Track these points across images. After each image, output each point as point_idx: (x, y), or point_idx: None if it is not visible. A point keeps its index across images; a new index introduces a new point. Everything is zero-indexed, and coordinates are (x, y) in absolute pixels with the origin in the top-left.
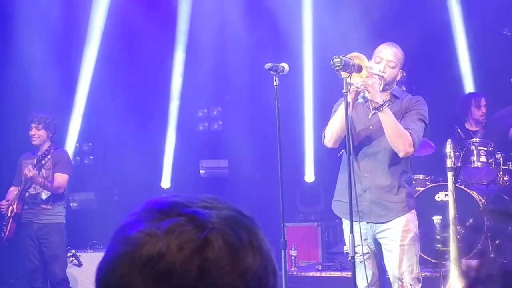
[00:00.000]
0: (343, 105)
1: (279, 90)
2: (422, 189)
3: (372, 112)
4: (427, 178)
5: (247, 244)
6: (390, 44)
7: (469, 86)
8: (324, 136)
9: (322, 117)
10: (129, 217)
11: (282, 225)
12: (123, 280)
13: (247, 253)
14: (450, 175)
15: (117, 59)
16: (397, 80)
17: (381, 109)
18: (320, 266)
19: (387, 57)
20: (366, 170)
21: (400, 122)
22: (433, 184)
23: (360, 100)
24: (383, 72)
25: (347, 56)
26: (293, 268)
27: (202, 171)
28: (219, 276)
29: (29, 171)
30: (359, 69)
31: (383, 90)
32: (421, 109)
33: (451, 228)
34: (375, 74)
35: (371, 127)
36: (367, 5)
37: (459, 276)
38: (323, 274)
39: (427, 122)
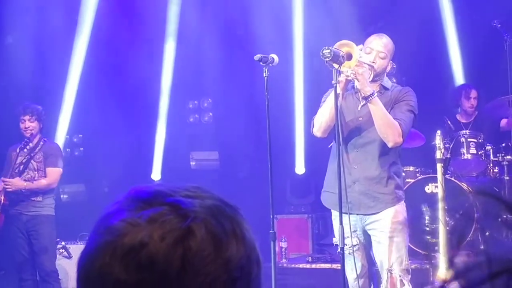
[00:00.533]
0: (332, 95)
1: (269, 81)
2: (412, 180)
3: (362, 103)
4: (417, 170)
5: (230, 234)
6: (381, 35)
7: (459, 78)
8: (313, 125)
9: (313, 109)
10: (112, 206)
11: (271, 216)
12: (105, 269)
13: (230, 243)
14: (439, 166)
15: (108, 50)
16: (387, 71)
17: (371, 98)
18: (310, 258)
19: (378, 47)
20: (356, 161)
21: (389, 113)
22: (423, 176)
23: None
24: (373, 62)
25: (338, 42)
26: (283, 260)
27: (192, 163)
28: (201, 266)
29: (14, 185)
30: (349, 57)
31: (373, 81)
32: (410, 100)
33: (440, 219)
34: (365, 63)
35: (360, 118)
36: None
37: (447, 267)
38: (313, 266)
39: (416, 113)
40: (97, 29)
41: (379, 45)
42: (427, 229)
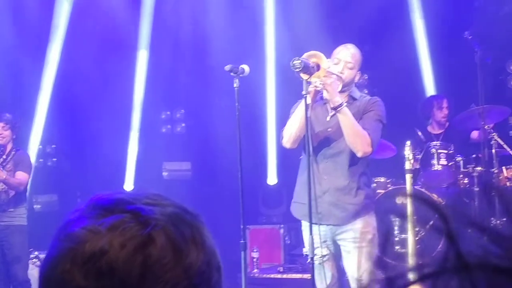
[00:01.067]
0: (301, 106)
1: (241, 92)
2: (383, 191)
3: (331, 113)
4: (388, 181)
5: (190, 241)
6: (348, 46)
7: (430, 89)
8: (283, 137)
9: (285, 120)
10: (73, 213)
11: (242, 226)
12: (65, 276)
13: (190, 249)
14: (408, 177)
15: (81, 60)
16: (356, 81)
17: (340, 109)
18: (281, 268)
19: (345, 58)
20: (326, 172)
21: (358, 123)
22: (393, 187)
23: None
24: (341, 73)
25: (306, 53)
26: (255, 270)
27: (165, 173)
28: (162, 273)
29: None
30: (318, 67)
31: (342, 91)
32: (379, 110)
33: (409, 230)
34: (333, 74)
35: (330, 129)
36: (329, 6)
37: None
38: (284, 276)
39: (384, 122)
40: (70, 39)
41: (347, 55)
42: (397, 239)
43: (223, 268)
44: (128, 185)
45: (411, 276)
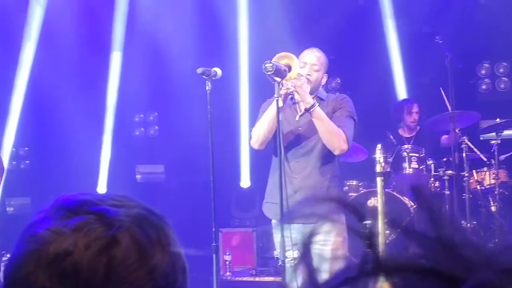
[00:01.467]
0: (270, 107)
1: (214, 94)
2: (355, 194)
3: (300, 113)
4: (360, 184)
5: (155, 242)
6: (313, 49)
7: (402, 93)
8: (251, 137)
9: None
10: (38, 214)
11: (214, 229)
12: (30, 278)
13: (155, 251)
14: (379, 180)
15: (54, 62)
16: (322, 83)
17: (312, 110)
18: (254, 271)
19: (311, 61)
20: (297, 171)
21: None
22: (365, 190)
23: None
24: (309, 75)
25: (277, 54)
26: (228, 273)
27: (138, 176)
28: (126, 274)
29: None
30: (289, 71)
31: (310, 93)
32: (348, 106)
33: (380, 232)
34: (302, 75)
35: (299, 128)
36: (302, 10)
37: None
38: (257, 279)
39: (355, 118)
40: (44, 40)
41: (312, 58)
42: (367, 241)
43: (190, 270)
44: (101, 188)
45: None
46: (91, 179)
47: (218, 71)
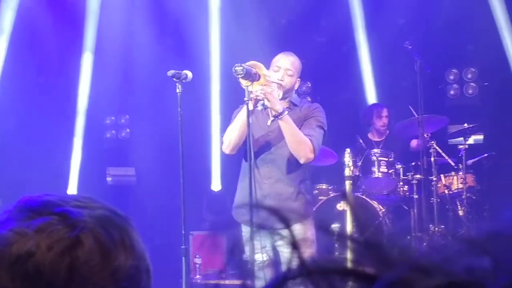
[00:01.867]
0: (242, 112)
1: (185, 97)
2: (325, 198)
3: (271, 119)
4: (329, 188)
5: (119, 244)
6: (287, 53)
7: (372, 97)
8: (222, 143)
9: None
10: (1, 216)
11: (183, 232)
12: None
13: (119, 253)
14: (348, 183)
15: (23, 63)
16: (296, 88)
17: (281, 116)
18: (224, 274)
19: (285, 65)
20: (266, 176)
21: (299, 129)
22: (335, 194)
23: (260, 107)
24: (281, 80)
25: (246, 63)
26: (197, 276)
27: (109, 179)
28: (89, 275)
29: None
30: (259, 75)
31: (282, 98)
32: (320, 116)
33: (348, 236)
34: (273, 82)
35: (270, 134)
36: (273, 14)
37: None
38: (227, 282)
39: (325, 128)
40: (15, 41)
41: (286, 63)
42: (336, 245)
43: (160, 272)
44: (72, 190)
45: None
46: (61, 182)
47: (189, 73)
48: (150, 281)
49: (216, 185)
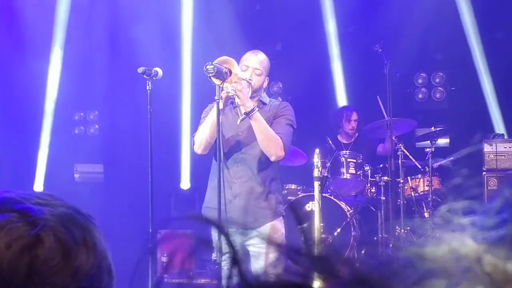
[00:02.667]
0: (212, 111)
1: (156, 95)
2: (293, 198)
3: (241, 118)
4: (298, 188)
5: (80, 242)
6: (256, 52)
7: (342, 99)
8: (194, 143)
9: (199, 124)
10: None
11: (151, 230)
12: None
13: (80, 252)
14: (316, 184)
15: None
16: (264, 87)
17: (252, 114)
18: (191, 273)
19: (253, 64)
20: (236, 176)
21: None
22: (304, 194)
23: (221, 106)
24: (250, 79)
25: (218, 59)
26: (165, 275)
27: (76, 175)
28: (49, 275)
29: None
30: (230, 73)
31: (251, 97)
32: (289, 115)
33: (316, 236)
34: (243, 79)
35: (240, 133)
36: (245, 12)
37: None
38: (194, 281)
39: (295, 127)
40: None
41: (255, 62)
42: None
43: (126, 271)
44: (38, 187)
45: None
46: (27, 177)
47: (159, 71)
48: (112, 281)
49: (185, 183)
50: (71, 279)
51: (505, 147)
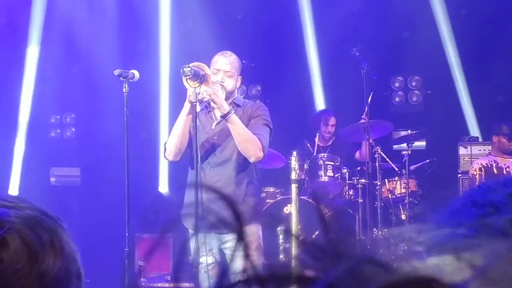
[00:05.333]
0: (180, 116)
1: (133, 97)
2: (272, 201)
3: (216, 121)
4: (277, 191)
5: (48, 246)
6: (225, 54)
7: (320, 102)
8: (165, 149)
9: None
10: None
11: (127, 234)
12: None
13: (47, 255)
14: (294, 187)
15: None
16: (237, 87)
17: (228, 116)
18: (169, 277)
19: (223, 67)
20: (214, 180)
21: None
22: (282, 197)
23: (198, 109)
24: (222, 82)
25: (191, 64)
26: (142, 279)
27: (52, 179)
28: (14, 279)
29: None
30: (207, 78)
31: (225, 99)
32: (264, 115)
33: (293, 239)
34: (216, 82)
35: (215, 137)
36: (224, 14)
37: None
38: (172, 284)
39: (271, 126)
40: None
41: (225, 64)
42: (281, 248)
43: (104, 275)
44: (13, 191)
45: None
46: (2, 181)
47: (136, 73)
48: (81, 285)
49: (163, 186)
50: (38, 282)
51: (479, 150)
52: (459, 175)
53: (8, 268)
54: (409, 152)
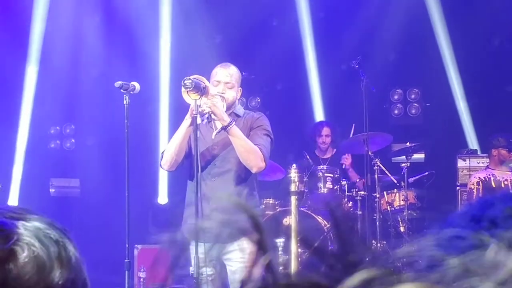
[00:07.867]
0: (180, 128)
1: (134, 109)
2: (271, 213)
3: (216, 131)
4: (276, 203)
5: (55, 257)
6: (225, 66)
7: (319, 115)
8: (162, 158)
9: None
10: None
11: (127, 245)
12: None
13: (54, 266)
14: (293, 199)
15: None
16: (238, 98)
17: (229, 128)
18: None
19: (224, 79)
20: (213, 191)
21: None
22: (281, 208)
23: (199, 121)
24: (223, 93)
25: (191, 77)
26: None
27: (52, 190)
28: None
29: None
30: (208, 91)
31: (226, 111)
32: (265, 125)
33: (293, 250)
34: (216, 94)
35: (215, 147)
36: (224, 27)
37: None
38: None
39: (272, 137)
40: None
41: (225, 76)
42: (280, 260)
43: (106, 286)
44: (13, 201)
45: None
46: (2, 192)
47: (137, 85)
48: None
49: (162, 198)
50: None
51: (478, 163)
52: (458, 187)
53: (16, 280)
54: (408, 165)
